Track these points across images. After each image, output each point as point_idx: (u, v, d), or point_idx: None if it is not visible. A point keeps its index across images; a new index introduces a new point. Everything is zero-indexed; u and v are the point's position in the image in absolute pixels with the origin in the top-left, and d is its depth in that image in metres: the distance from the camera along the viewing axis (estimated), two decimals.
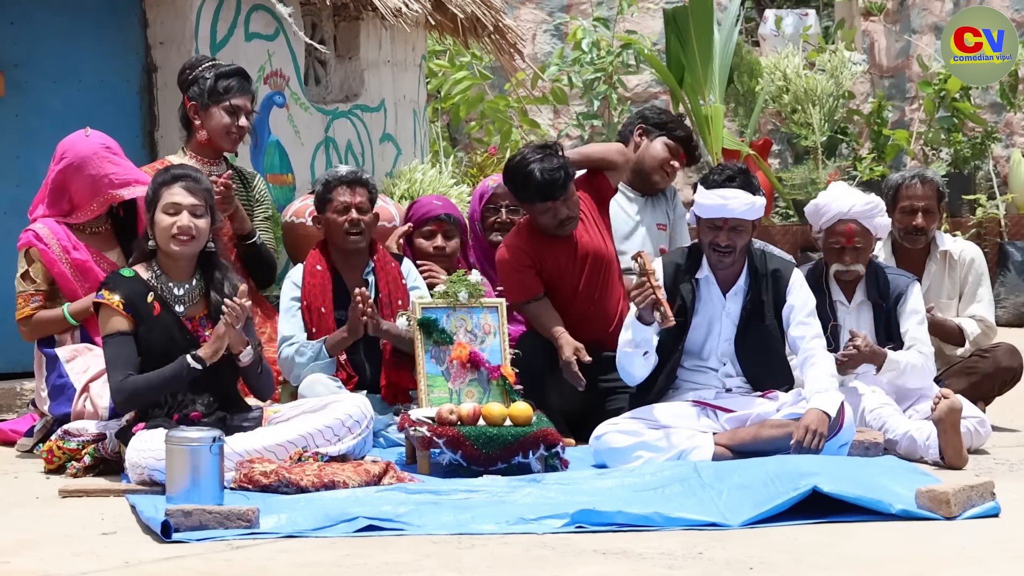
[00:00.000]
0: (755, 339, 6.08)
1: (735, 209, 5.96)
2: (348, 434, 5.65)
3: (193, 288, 5.77)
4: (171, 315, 5.69)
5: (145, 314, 5.64)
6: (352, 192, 6.50)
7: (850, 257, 6.45)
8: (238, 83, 6.82)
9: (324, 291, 6.45)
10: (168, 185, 5.73)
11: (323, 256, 6.54)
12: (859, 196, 6.51)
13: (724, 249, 6.00)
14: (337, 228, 6.49)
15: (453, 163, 10.09)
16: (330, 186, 6.53)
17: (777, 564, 4.46)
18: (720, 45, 11.03)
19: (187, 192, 5.70)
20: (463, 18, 8.41)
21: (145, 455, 5.42)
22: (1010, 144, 13.02)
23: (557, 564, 4.48)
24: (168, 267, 5.74)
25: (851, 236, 6.46)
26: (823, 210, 6.53)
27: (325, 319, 6.42)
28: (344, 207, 6.48)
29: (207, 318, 5.75)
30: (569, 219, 6.54)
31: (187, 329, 5.70)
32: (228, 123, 6.79)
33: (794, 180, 11.85)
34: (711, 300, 6.11)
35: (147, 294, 5.67)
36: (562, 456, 5.78)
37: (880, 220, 6.50)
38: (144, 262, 5.76)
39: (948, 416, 6.00)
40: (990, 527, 4.94)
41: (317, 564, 4.47)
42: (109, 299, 5.63)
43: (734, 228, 5.99)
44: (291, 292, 6.49)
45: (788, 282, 6.11)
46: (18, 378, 7.02)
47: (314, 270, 6.49)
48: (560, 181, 6.42)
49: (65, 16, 7.37)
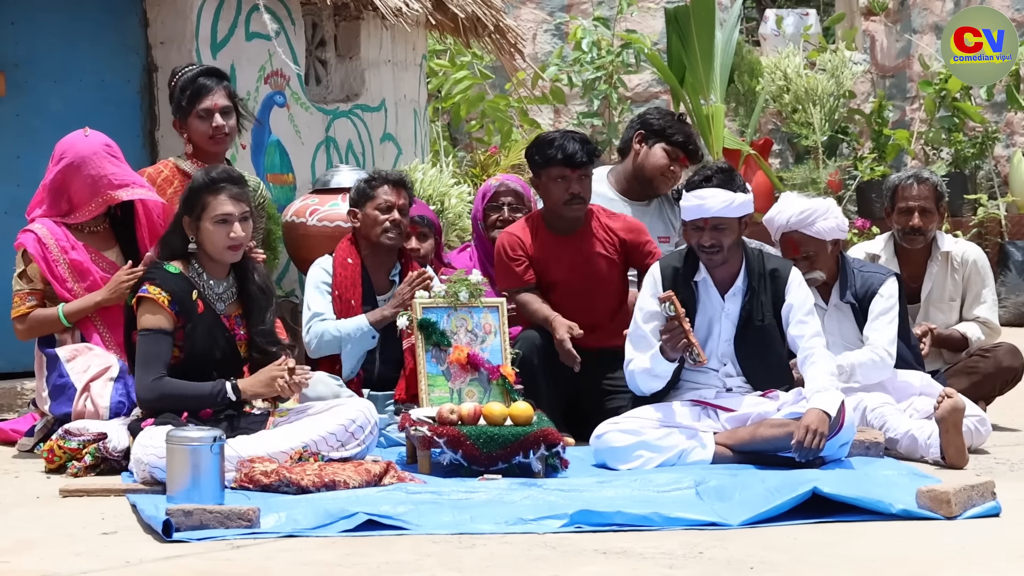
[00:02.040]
0: (754, 339, 6.08)
1: (712, 208, 5.97)
2: (352, 440, 5.64)
3: (230, 286, 5.80)
4: (212, 313, 5.71)
5: (191, 312, 5.65)
6: (397, 193, 6.62)
7: (803, 266, 6.42)
8: (202, 85, 6.67)
9: (355, 284, 6.58)
10: (213, 193, 5.70)
11: (354, 250, 6.62)
12: (796, 206, 6.50)
13: (709, 249, 6.01)
14: (377, 225, 6.58)
15: (453, 163, 10.09)
16: (374, 184, 6.64)
17: (777, 564, 4.46)
18: (721, 45, 11.03)
19: (233, 200, 5.71)
20: (463, 18, 8.41)
21: (148, 452, 5.42)
22: (1011, 144, 13.02)
23: (557, 564, 4.48)
24: (208, 266, 5.76)
25: (795, 247, 6.50)
26: (768, 226, 6.61)
27: (354, 311, 6.56)
28: (388, 206, 6.59)
29: (241, 317, 5.78)
30: (578, 198, 6.56)
31: (226, 327, 5.72)
32: (205, 129, 6.69)
33: (795, 180, 11.85)
34: (710, 302, 6.11)
35: (191, 291, 5.68)
36: (562, 456, 5.78)
37: (823, 224, 6.46)
38: (182, 259, 5.75)
39: (951, 416, 6.00)
40: (991, 527, 4.94)
41: (317, 563, 4.47)
42: (156, 295, 5.61)
43: (716, 227, 5.99)
44: (321, 276, 6.62)
45: (786, 281, 6.11)
46: (18, 378, 7.03)
47: (345, 262, 6.61)
48: (582, 151, 6.54)
49: (65, 16, 7.37)
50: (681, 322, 5.85)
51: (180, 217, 5.76)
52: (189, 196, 5.76)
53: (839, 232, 6.53)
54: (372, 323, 6.48)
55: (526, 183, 7.27)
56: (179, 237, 5.77)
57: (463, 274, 6.31)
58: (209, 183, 5.73)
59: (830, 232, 6.50)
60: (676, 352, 5.90)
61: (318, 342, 6.51)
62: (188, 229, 5.73)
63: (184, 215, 5.74)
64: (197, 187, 5.75)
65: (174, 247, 5.78)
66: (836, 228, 6.51)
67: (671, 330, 5.87)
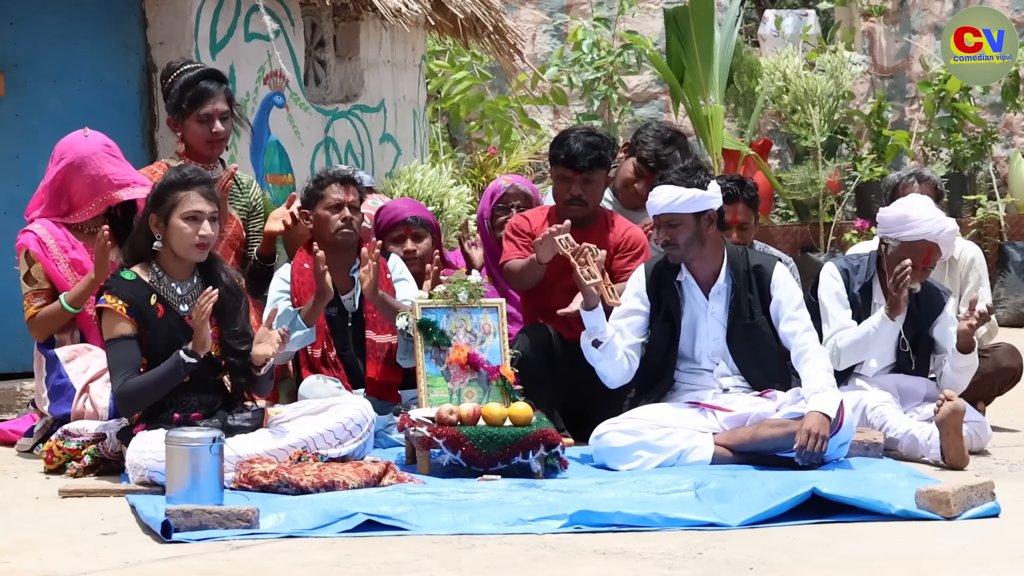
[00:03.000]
0: (745, 337, 6.09)
1: (658, 204, 6.02)
2: (349, 437, 5.65)
3: (195, 287, 5.75)
4: (174, 316, 5.68)
5: (149, 317, 5.62)
6: (345, 190, 6.53)
7: (920, 276, 6.32)
8: (204, 89, 6.64)
9: (312, 288, 6.45)
10: (184, 189, 5.67)
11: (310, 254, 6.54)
12: (950, 221, 6.38)
13: (665, 246, 6.06)
14: (329, 224, 6.51)
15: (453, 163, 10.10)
16: (322, 183, 6.55)
17: (777, 564, 4.46)
18: (720, 45, 11.03)
19: (205, 199, 5.68)
20: (463, 18, 8.41)
21: (145, 456, 5.42)
22: (1010, 144, 13.02)
23: (557, 564, 4.48)
24: (170, 268, 5.72)
25: (930, 257, 6.33)
26: (910, 224, 6.33)
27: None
28: (337, 204, 6.51)
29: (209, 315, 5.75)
30: (577, 200, 6.55)
31: (190, 328, 5.69)
32: (204, 133, 6.67)
33: (794, 180, 11.86)
34: (694, 301, 6.13)
35: (150, 296, 5.65)
36: (562, 456, 5.78)
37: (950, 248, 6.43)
38: (142, 263, 5.74)
39: (951, 418, 6.00)
40: (990, 527, 4.94)
41: (317, 564, 4.47)
42: (113, 304, 5.59)
43: (668, 223, 6.02)
44: (279, 286, 6.53)
45: (771, 277, 6.10)
46: (18, 378, 7.03)
47: (302, 268, 6.51)
48: (587, 156, 6.51)
49: (65, 16, 7.37)
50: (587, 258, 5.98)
51: (146, 215, 5.70)
52: (159, 193, 5.70)
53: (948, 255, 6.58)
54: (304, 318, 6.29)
55: (535, 185, 7.30)
56: (144, 238, 5.71)
57: (463, 274, 6.31)
58: (180, 180, 5.69)
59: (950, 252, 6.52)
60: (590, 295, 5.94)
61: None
62: (155, 227, 5.68)
63: (151, 212, 5.69)
64: (168, 184, 5.70)
65: (138, 249, 5.73)
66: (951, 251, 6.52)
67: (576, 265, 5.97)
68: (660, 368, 6.11)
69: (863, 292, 6.43)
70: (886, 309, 6.19)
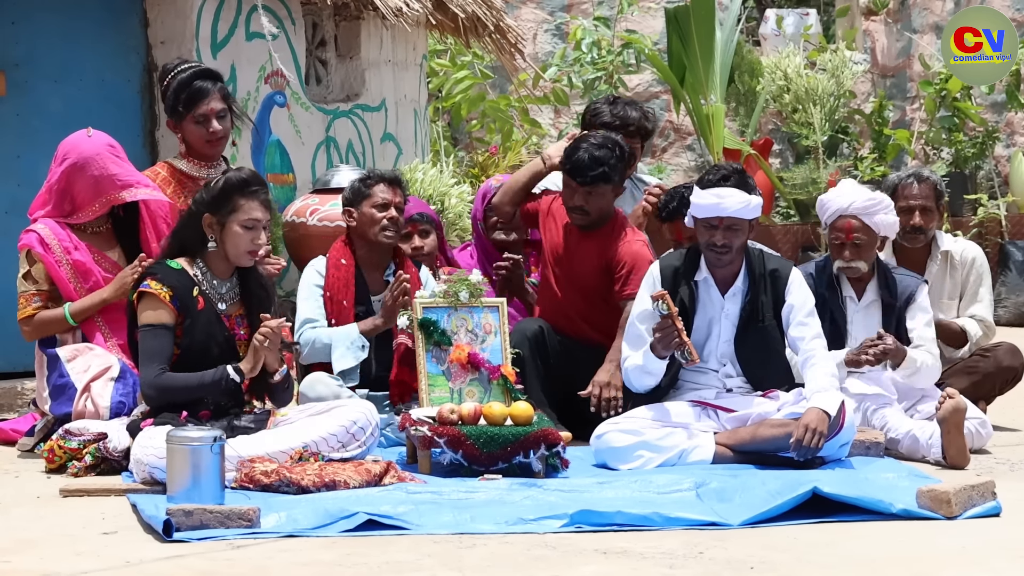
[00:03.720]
0: (754, 340, 6.08)
1: (729, 208, 5.96)
2: (353, 441, 5.63)
3: (233, 286, 5.78)
4: (213, 312, 5.70)
5: (191, 308, 5.63)
6: (393, 191, 6.57)
7: (850, 253, 6.43)
8: (198, 89, 6.60)
9: (348, 285, 6.51)
10: (247, 196, 5.67)
11: (348, 250, 6.58)
12: (862, 192, 6.49)
13: (720, 249, 6.00)
14: (375, 223, 6.53)
15: (454, 163, 10.10)
16: (370, 182, 6.58)
17: (777, 564, 4.46)
18: (721, 44, 11.03)
19: (263, 207, 5.71)
20: (464, 18, 8.41)
21: (148, 452, 5.42)
22: (1011, 144, 13.02)
23: (558, 564, 4.48)
24: (215, 266, 5.74)
25: (850, 232, 6.44)
26: (826, 205, 6.53)
27: (346, 312, 6.49)
28: (385, 204, 6.54)
29: (242, 317, 5.77)
30: (579, 210, 6.54)
31: (226, 326, 5.71)
32: (201, 133, 6.65)
33: (795, 180, 11.86)
34: (710, 302, 6.11)
35: (193, 288, 5.66)
36: (563, 456, 5.78)
37: (883, 218, 6.46)
38: (187, 257, 5.73)
39: (952, 416, 6.00)
40: (991, 527, 4.94)
41: (318, 563, 4.47)
42: (157, 289, 5.59)
43: (729, 227, 5.99)
44: (314, 279, 6.55)
45: (787, 282, 6.10)
46: (19, 378, 7.03)
47: (339, 263, 6.55)
48: (590, 171, 6.45)
49: (65, 16, 7.37)
50: (674, 321, 5.85)
51: (199, 214, 5.70)
52: (220, 195, 5.68)
53: (891, 230, 6.53)
54: (363, 332, 6.41)
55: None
56: (193, 233, 5.72)
57: (463, 274, 6.31)
58: (242, 185, 5.68)
59: (886, 228, 6.49)
60: (668, 350, 5.90)
61: (309, 349, 6.45)
62: (209, 228, 5.70)
63: (207, 212, 5.69)
64: (230, 187, 5.68)
65: (184, 243, 5.75)
66: (891, 226, 6.51)
67: (663, 328, 5.87)
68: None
69: (829, 288, 6.44)
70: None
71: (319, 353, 6.42)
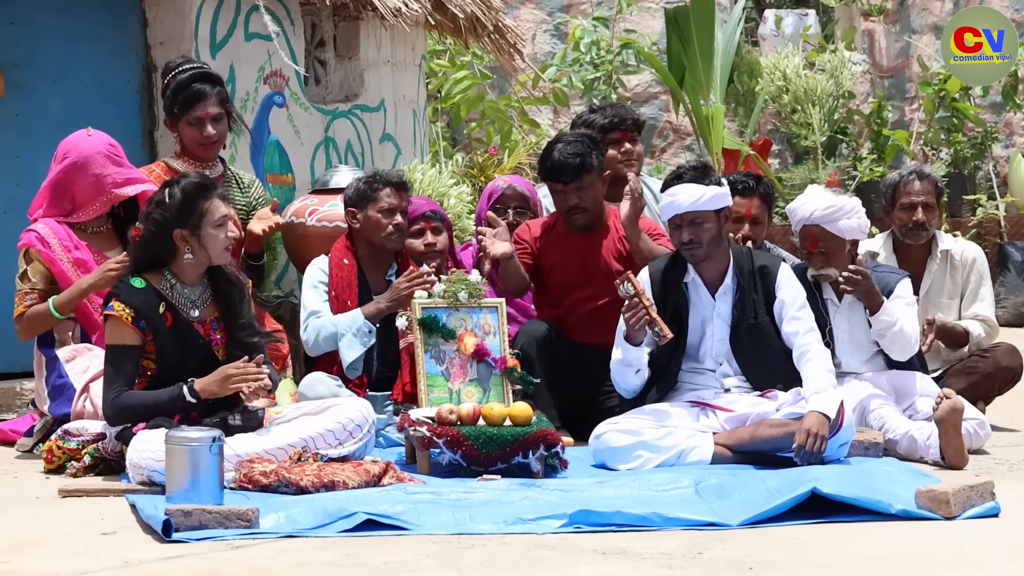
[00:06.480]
0: (749, 337, 6.08)
1: (684, 203, 5.99)
2: (350, 438, 5.64)
3: (205, 289, 5.76)
4: (183, 323, 5.67)
5: (158, 325, 5.61)
6: (399, 196, 6.60)
7: (818, 261, 6.41)
8: (195, 92, 6.64)
9: (351, 285, 6.55)
10: (208, 199, 5.65)
11: (350, 251, 6.59)
12: (823, 200, 6.40)
13: (688, 245, 6.03)
14: (380, 227, 6.56)
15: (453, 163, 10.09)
16: (376, 186, 6.59)
17: (777, 564, 4.46)
18: (721, 45, 11.03)
19: (223, 201, 5.71)
20: (463, 18, 8.41)
21: (145, 456, 5.42)
22: (1010, 144, 13.03)
23: (557, 564, 4.48)
24: (185, 274, 5.71)
25: (814, 241, 6.42)
26: (792, 214, 6.51)
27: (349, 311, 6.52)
28: (391, 209, 6.57)
29: (217, 320, 5.74)
30: (576, 209, 6.56)
31: (199, 334, 5.68)
32: (196, 136, 6.68)
33: (794, 180, 11.86)
34: (701, 302, 6.13)
35: (159, 305, 5.63)
36: (562, 456, 5.78)
37: (846, 223, 6.38)
38: (155, 269, 5.69)
39: (950, 416, 6.00)
40: (990, 527, 4.94)
41: (317, 564, 4.47)
42: (120, 311, 5.57)
43: (692, 222, 6.01)
44: (318, 276, 6.60)
45: (776, 277, 6.11)
46: (18, 378, 7.03)
47: (341, 263, 6.58)
48: (571, 166, 6.50)
49: (65, 16, 7.37)
50: (640, 298, 5.86)
51: (168, 230, 5.62)
52: (184, 206, 5.62)
53: (860, 233, 6.47)
54: (367, 316, 6.46)
55: (533, 186, 7.29)
56: (162, 251, 5.66)
57: (463, 274, 6.32)
58: (200, 190, 5.66)
59: (851, 232, 6.43)
60: (639, 331, 5.91)
61: (315, 339, 6.50)
62: (184, 241, 5.64)
63: (176, 228, 5.62)
64: (191, 195, 5.63)
65: (150, 263, 5.68)
66: (858, 228, 6.45)
67: (632, 308, 5.88)
68: (664, 369, 6.10)
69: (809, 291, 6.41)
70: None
71: (326, 342, 6.48)
